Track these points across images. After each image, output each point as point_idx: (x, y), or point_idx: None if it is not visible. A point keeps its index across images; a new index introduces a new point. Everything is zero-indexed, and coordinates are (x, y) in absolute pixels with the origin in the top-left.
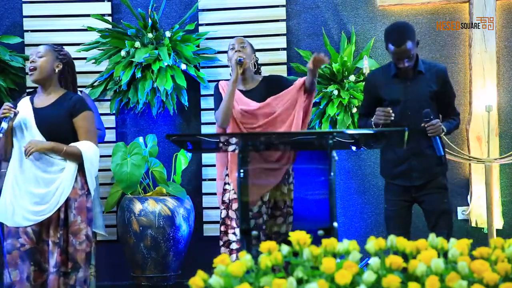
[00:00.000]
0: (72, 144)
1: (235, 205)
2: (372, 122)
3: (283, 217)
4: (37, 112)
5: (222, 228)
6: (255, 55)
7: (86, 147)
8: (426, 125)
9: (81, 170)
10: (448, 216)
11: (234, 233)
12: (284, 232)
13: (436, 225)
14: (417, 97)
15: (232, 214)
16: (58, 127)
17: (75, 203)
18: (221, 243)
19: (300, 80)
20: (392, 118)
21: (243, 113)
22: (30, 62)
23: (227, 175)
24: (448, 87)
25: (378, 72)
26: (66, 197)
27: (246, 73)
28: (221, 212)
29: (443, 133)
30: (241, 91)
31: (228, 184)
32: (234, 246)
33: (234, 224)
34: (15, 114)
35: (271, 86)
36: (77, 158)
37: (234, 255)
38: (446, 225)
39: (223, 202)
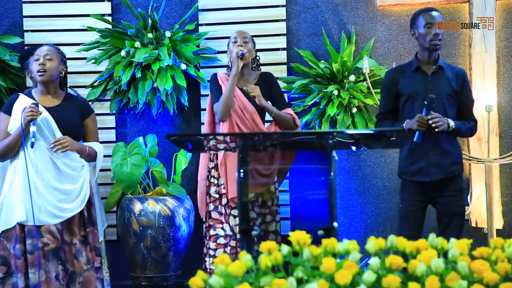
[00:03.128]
0: (86, 144)
1: (225, 200)
2: (405, 126)
3: (272, 215)
4: (50, 111)
5: (210, 222)
6: (255, 52)
7: (99, 149)
8: (431, 118)
9: None
10: (460, 218)
11: (222, 228)
12: (273, 230)
13: (448, 227)
14: (437, 92)
15: (221, 208)
16: (74, 127)
17: (92, 200)
18: (207, 237)
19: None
20: (425, 127)
21: (241, 115)
22: (40, 64)
23: (213, 167)
24: (467, 90)
25: (398, 69)
26: (88, 195)
27: (244, 69)
28: (207, 206)
29: (450, 129)
30: (239, 88)
31: (214, 177)
32: (221, 241)
33: (223, 219)
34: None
35: (265, 85)
36: (92, 159)
37: (221, 250)
38: (457, 228)
39: (209, 195)
